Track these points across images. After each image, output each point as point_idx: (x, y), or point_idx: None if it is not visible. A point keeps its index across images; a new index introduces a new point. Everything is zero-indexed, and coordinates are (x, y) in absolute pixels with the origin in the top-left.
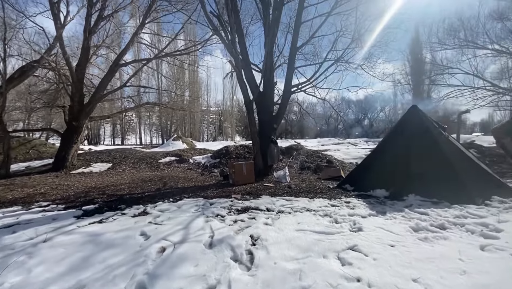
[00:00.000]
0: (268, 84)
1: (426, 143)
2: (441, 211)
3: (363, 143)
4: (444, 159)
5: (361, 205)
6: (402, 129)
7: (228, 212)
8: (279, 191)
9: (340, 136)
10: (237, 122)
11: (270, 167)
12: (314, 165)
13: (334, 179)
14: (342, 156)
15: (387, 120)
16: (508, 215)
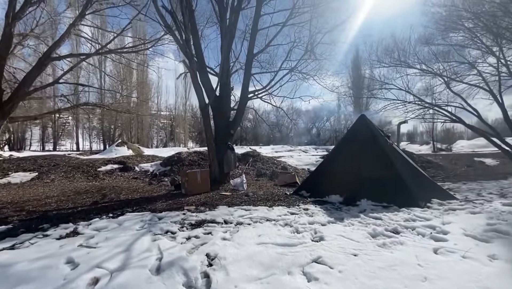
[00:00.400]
0: (225, 89)
1: (374, 150)
2: (392, 215)
3: (312, 150)
4: (390, 165)
5: (319, 211)
6: (353, 136)
7: (180, 227)
8: (236, 200)
9: (292, 143)
10: (190, 128)
11: (226, 174)
12: (270, 172)
13: (290, 185)
14: (296, 162)
15: (332, 129)
16: (449, 217)
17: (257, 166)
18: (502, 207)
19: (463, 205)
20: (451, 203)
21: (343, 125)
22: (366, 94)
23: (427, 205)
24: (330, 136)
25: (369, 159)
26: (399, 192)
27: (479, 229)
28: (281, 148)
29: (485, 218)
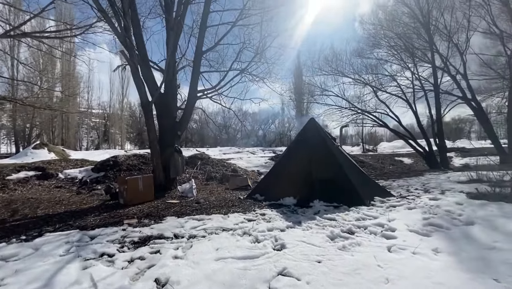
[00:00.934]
0: (171, 86)
1: (324, 152)
2: (344, 215)
3: (260, 152)
4: (338, 166)
5: (276, 216)
6: (303, 139)
7: (119, 248)
8: (186, 208)
9: (239, 145)
10: (128, 128)
11: (173, 180)
12: (220, 175)
13: (242, 189)
14: (245, 164)
15: (277, 132)
16: (392, 214)
17: (206, 169)
18: (430, 201)
19: (400, 201)
20: (390, 200)
21: (286, 128)
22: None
23: (371, 203)
24: (275, 139)
25: (320, 161)
26: (347, 192)
27: (419, 224)
28: (229, 149)
29: (420, 213)
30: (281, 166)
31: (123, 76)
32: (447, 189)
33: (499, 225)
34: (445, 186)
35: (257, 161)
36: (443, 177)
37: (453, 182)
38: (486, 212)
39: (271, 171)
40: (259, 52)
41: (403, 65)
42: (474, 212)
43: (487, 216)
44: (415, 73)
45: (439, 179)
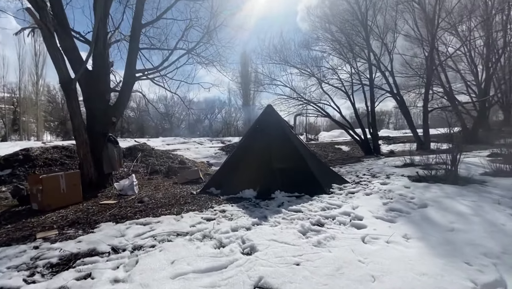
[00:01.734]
0: (102, 62)
1: (283, 141)
2: (309, 206)
3: (207, 142)
4: (298, 154)
5: (239, 212)
6: (261, 127)
7: (28, 276)
8: (127, 210)
9: (184, 135)
10: (47, 116)
11: (108, 175)
12: (165, 167)
13: (193, 182)
14: (193, 155)
15: (224, 121)
16: (353, 201)
17: (149, 162)
18: (381, 186)
19: (355, 187)
20: (346, 187)
21: (233, 118)
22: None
23: (330, 190)
24: (222, 128)
25: (280, 150)
26: (308, 181)
27: (382, 210)
28: (173, 140)
29: (378, 198)
30: (238, 156)
31: (36, 51)
32: (390, 173)
33: (447, 205)
34: (387, 171)
35: (206, 152)
36: (380, 162)
37: (391, 166)
38: (432, 194)
39: (227, 162)
40: (209, 32)
41: (344, 59)
42: (423, 194)
43: (435, 198)
44: (354, 67)
45: (378, 164)
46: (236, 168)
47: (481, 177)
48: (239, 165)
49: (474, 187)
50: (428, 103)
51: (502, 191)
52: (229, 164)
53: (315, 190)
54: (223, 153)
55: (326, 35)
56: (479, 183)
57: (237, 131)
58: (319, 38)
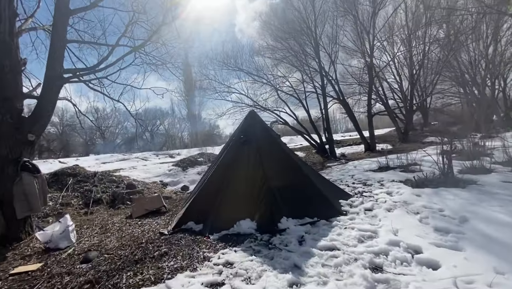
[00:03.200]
0: (6, 54)
1: (276, 152)
2: (337, 236)
3: (154, 157)
4: (296, 168)
5: (253, 262)
6: (246, 137)
7: None
8: (64, 282)
9: (121, 151)
10: None
11: (23, 221)
12: (109, 195)
13: (154, 214)
14: (142, 175)
15: (167, 134)
16: (381, 221)
17: (84, 190)
18: (388, 196)
19: (364, 201)
20: (355, 202)
21: (177, 129)
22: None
23: (344, 209)
24: (166, 141)
25: (274, 164)
26: (316, 200)
27: (429, 232)
28: (109, 157)
29: (405, 214)
30: (219, 176)
31: None
32: (378, 179)
33: (486, 215)
34: (372, 177)
35: (158, 169)
36: (351, 167)
37: (368, 170)
38: (453, 202)
39: (205, 184)
40: (158, 31)
41: (298, 67)
42: (445, 204)
43: (462, 207)
44: (306, 75)
45: (351, 169)
46: (221, 191)
47: (464, 176)
48: (223, 187)
49: (477, 189)
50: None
51: (502, 190)
52: (209, 187)
53: (328, 211)
54: (179, 169)
55: (279, 43)
56: (474, 183)
57: (182, 143)
58: (269, 46)
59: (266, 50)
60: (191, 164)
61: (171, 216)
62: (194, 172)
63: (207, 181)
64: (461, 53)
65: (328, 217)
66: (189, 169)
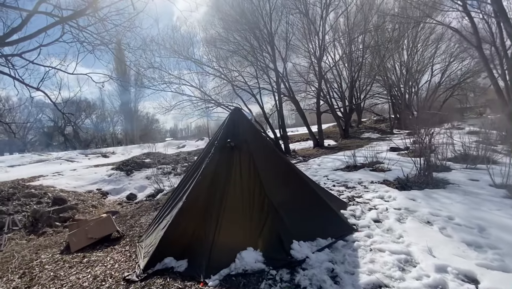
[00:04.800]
0: None
1: (272, 159)
2: (371, 264)
3: (82, 158)
4: (295, 176)
5: None
6: (236, 142)
7: None
8: None
9: (36, 150)
10: None
11: None
12: (26, 216)
13: (104, 242)
14: (73, 183)
15: (96, 128)
16: (403, 236)
17: None
18: (386, 203)
19: (364, 210)
20: (355, 211)
21: (109, 122)
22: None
23: (352, 223)
24: (94, 137)
25: (270, 173)
26: (324, 215)
27: (465, 249)
28: (20, 158)
29: (421, 224)
30: (204, 192)
31: None
32: (356, 180)
33: (496, 221)
34: (345, 177)
35: (93, 174)
36: (315, 165)
37: (335, 169)
38: (455, 207)
39: (186, 203)
40: None
41: (249, 61)
42: (449, 210)
43: (468, 213)
44: (258, 70)
45: (315, 168)
46: (210, 212)
47: (434, 175)
48: (212, 207)
49: (459, 190)
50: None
51: (479, 189)
52: (191, 207)
53: (338, 226)
54: (121, 174)
55: (234, 37)
56: (448, 183)
57: (115, 140)
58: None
59: (217, 41)
60: (137, 167)
61: (130, 245)
62: (141, 176)
63: (187, 198)
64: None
65: (342, 235)
66: (134, 172)
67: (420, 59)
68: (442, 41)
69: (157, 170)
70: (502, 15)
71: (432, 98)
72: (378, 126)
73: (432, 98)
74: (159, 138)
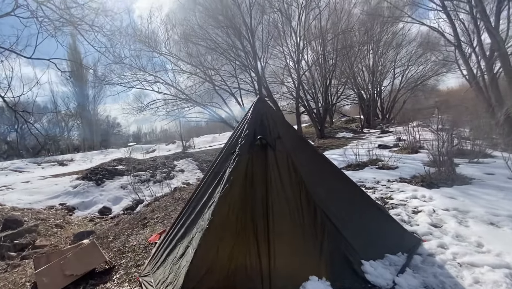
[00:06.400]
0: None
1: (311, 159)
2: (478, 285)
3: (34, 166)
4: (341, 177)
5: None
6: (266, 139)
7: None
8: None
9: None
10: None
11: None
12: None
13: (88, 279)
14: (27, 198)
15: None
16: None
17: None
18: (426, 203)
19: (405, 212)
20: (399, 215)
21: (63, 128)
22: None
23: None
24: (45, 143)
25: (314, 177)
26: (385, 225)
27: None
28: None
29: (489, 226)
30: (238, 205)
31: None
32: (370, 180)
33: None
34: (356, 176)
35: (53, 186)
36: None
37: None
38: (502, 204)
39: (214, 223)
40: None
41: (231, 59)
42: (501, 207)
43: None
44: (245, 69)
45: None
46: (247, 231)
47: None
48: (251, 224)
49: (489, 184)
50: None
51: (503, 183)
52: (222, 227)
53: (403, 238)
54: (90, 184)
55: (203, 32)
56: (470, 178)
57: (71, 146)
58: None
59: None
60: (109, 175)
61: (129, 281)
62: (115, 186)
63: (214, 213)
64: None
65: (411, 247)
66: (106, 182)
67: (384, 63)
68: (402, 46)
69: (132, 177)
70: (484, 16)
71: (394, 100)
72: (349, 126)
73: (394, 100)
74: (121, 143)
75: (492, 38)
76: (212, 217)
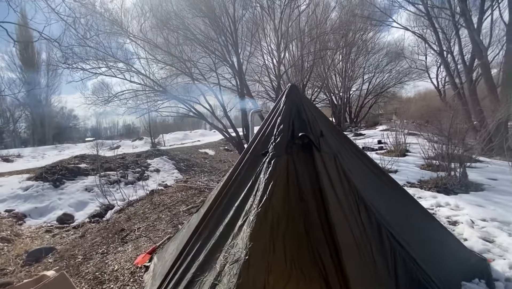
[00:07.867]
0: None
1: (360, 163)
2: None
3: None
4: (397, 189)
5: None
6: (308, 137)
7: None
8: None
9: None
10: None
11: None
12: None
13: None
14: None
15: None
16: None
17: None
18: (457, 212)
19: None
20: None
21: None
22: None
23: None
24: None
25: (369, 187)
26: (449, 245)
27: None
28: None
29: None
30: (285, 221)
31: None
32: None
33: None
34: None
35: None
36: None
37: None
38: None
39: (259, 253)
40: None
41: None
42: None
43: None
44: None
45: None
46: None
47: None
48: (313, 254)
49: (503, 190)
50: None
51: None
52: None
53: (470, 259)
54: (45, 186)
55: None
56: (483, 184)
57: (17, 140)
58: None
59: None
60: (70, 175)
61: None
62: (78, 188)
63: (253, 238)
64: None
65: (481, 271)
66: (66, 183)
67: (354, 69)
68: (372, 53)
69: (100, 178)
70: (470, 24)
71: (362, 104)
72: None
73: (361, 105)
74: (77, 138)
75: (475, 46)
76: (251, 243)
